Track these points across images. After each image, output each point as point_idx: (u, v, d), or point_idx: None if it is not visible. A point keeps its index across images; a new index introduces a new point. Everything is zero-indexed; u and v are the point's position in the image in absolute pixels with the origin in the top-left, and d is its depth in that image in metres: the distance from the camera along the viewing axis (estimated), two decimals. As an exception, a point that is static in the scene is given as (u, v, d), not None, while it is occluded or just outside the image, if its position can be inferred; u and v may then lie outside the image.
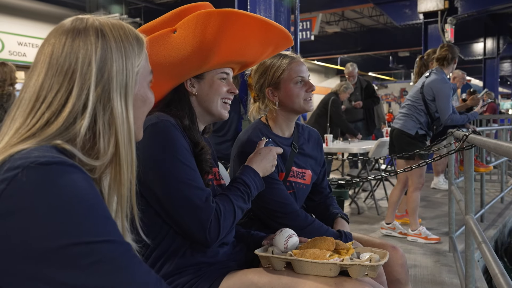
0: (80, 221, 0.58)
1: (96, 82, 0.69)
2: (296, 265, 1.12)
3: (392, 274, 1.38)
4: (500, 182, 5.01)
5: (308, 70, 1.55)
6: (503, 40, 12.08)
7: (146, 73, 0.78)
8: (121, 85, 0.71)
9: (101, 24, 0.72)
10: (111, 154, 0.70)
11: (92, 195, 0.60)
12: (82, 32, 0.70)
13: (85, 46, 0.69)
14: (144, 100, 0.78)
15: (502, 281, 1.39)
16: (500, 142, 1.40)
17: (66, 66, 0.68)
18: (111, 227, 0.62)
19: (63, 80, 0.68)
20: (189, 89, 1.21)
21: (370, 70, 20.21)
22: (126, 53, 0.72)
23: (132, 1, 9.99)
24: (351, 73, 5.41)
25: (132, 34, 0.75)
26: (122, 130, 0.71)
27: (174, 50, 1.13)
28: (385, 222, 3.60)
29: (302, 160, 1.56)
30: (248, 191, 1.19)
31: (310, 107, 1.51)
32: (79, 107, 0.67)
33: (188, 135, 1.17)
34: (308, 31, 8.75)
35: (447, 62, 3.30)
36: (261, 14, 3.14)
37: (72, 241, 0.56)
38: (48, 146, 0.64)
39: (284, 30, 1.25)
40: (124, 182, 0.72)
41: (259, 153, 1.26)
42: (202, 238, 1.09)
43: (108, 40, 0.71)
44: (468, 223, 2.15)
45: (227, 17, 1.11)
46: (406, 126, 3.27)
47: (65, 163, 0.60)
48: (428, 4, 7.39)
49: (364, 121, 5.53)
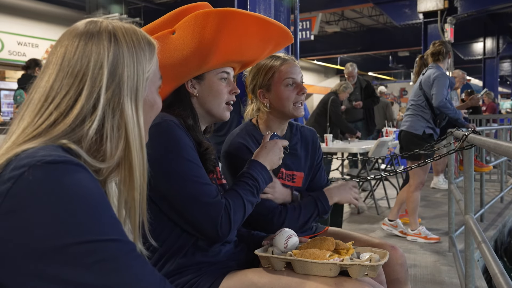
0: (84, 220, 0.58)
1: (106, 85, 0.69)
2: (296, 265, 1.12)
3: (392, 273, 1.38)
4: (499, 182, 5.02)
5: (301, 71, 1.51)
6: (502, 39, 12.09)
7: (155, 78, 0.78)
8: (131, 90, 0.72)
9: (114, 28, 0.73)
10: (118, 157, 0.70)
11: (97, 195, 0.61)
12: (96, 35, 0.71)
13: (97, 50, 0.70)
14: (152, 105, 0.78)
15: (502, 281, 1.40)
16: (500, 141, 1.40)
17: (77, 69, 0.69)
18: (116, 226, 0.62)
19: (73, 82, 0.68)
20: (190, 90, 1.22)
21: (370, 70, 20.21)
22: (138, 58, 0.73)
23: (131, 1, 9.99)
24: (350, 73, 5.42)
25: (144, 40, 0.75)
26: (133, 134, 0.71)
27: (174, 51, 1.13)
28: (388, 218, 3.58)
29: (293, 161, 1.53)
30: (256, 185, 1.19)
31: (300, 113, 1.48)
32: (88, 110, 0.68)
33: (191, 135, 1.18)
34: (308, 31, 8.75)
35: (442, 57, 3.32)
36: (261, 13, 3.14)
37: (76, 239, 0.57)
38: (54, 145, 0.64)
39: (283, 28, 1.24)
40: (136, 187, 0.72)
41: (265, 146, 1.27)
42: (214, 233, 1.10)
43: (121, 45, 0.71)
44: (468, 222, 2.15)
45: (225, 16, 1.11)
46: (413, 127, 3.28)
47: (71, 162, 0.61)
48: (428, 4, 7.39)
49: (364, 121, 5.54)
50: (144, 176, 0.74)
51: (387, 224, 3.59)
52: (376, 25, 15.26)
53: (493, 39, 11.97)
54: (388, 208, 4.56)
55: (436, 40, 3.51)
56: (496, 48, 11.97)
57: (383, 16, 13.99)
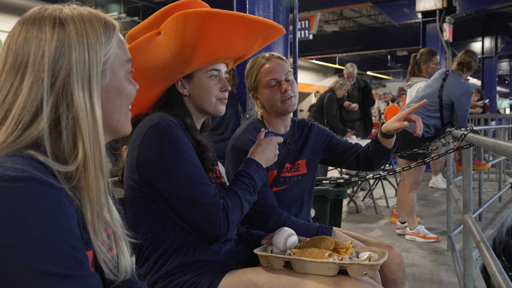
0: (34, 247, 0.54)
1: (52, 74, 0.63)
2: (295, 264, 1.12)
3: (389, 273, 1.38)
4: (498, 181, 5.03)
5: (287, 67, 1.49)
6: (501, 39, 12.10)
7: (120, 61, 0.72)
8: (82, 76, 0.64)
9: (62, 14, 0.66)
10: (82, 153, 0.63)
11: (55, 220, 0.55)
12: (38, 22, 0.65)
13: (38, 36, 0.64)
14: (119, 92, 0.71)
15: (500, 280, 1.40)
16: (499, 141, 1.40)
17: (19, 59, 0.63)
18: (71, 258, 0.56)
19: (16, 74, 0.63)
20: (181, 90, 1.22)
21: (369, 69, 20.23)
22: (89, 42, 0.66)
23: (130, 0, 9.97)
24: (351, 73, 5.41)
25: (99, 21, 0.69)
26: (86, 125, 0.63)
27: (159, 53, 1.13)
28: (409, 228, 3.43)
29: (295, 154, 1.56)
30: (253, 183, 1.19)
31: (289, 107, 1.48)
32: (32, 104, 0.61)
33: (190, 134, 1.18)
34: (307, 30, 8.74)
35: (467, 69, 3.26)
36: (260, 13, 3.14)
37: (21, 265, 0.53)
38: (21, 156, 0.59)
39: (267, 22, 1.23)
40: (91, 186, 0.63)
41: (260, 144, 1.27)
42: (212, 233, 1.10)
43: (67, 30, 0.65)
44: (466, 222, 2.15)
45: (205, 17, 1.10)
46: (412, 127, 3.25)
47: (35, 180, 0.56)
48: (427, 3, 7.40)
49: (361, 121, 5.54)
50: (103, 173, 0.65)
51: (400, 227, 3.54)
52: (374, 24, 15.27)
53: (492, 39, 11.99)
54: (387, 207, 4.57)
55: (469, 50, 3.39)
56: (494, 47, 11.99)
57: (382, 16, 13.99)
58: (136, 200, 1.15)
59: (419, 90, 3.52)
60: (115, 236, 0.75)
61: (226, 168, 1.54)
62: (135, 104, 0.83)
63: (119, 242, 0.75)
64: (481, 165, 4.22)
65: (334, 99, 5.15)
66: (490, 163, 4.68)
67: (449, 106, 3.17)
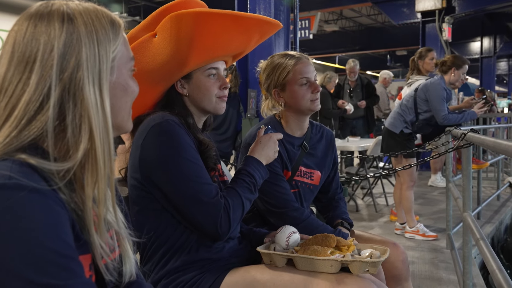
0: (22, 258, 0.53)
1: (59, 70, 0.62)
2: (297, 262, 1.14)
3: (393, 270, 1.40)
4: (496, 180, 5.05)
5: (315, 70, 1.53)
6: (499, 39, 12.13)
7: (125, 59, 0.72)
8: (93, 72, 0.64)
9: (70, 9, 0.66)
10: (84, 150, 0.63)
11: (43, 229, 0.55)
12: (46, 16, 0.64)
13: (47, 31, 0.63)
14: (125, 89, 0.71)
15: (500, 277, 1.41)
16: (499, 140, 1.41)
17: (27, 54, 0.63)
18: (61, 267, 0.56)
19: (24, 70, 0.62)
20: (180, 90, 1.22)
21: (368, 68, 20.21)
22: (99, 38, 0.66)
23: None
24: (352, 68, 5.41)
25: (106, 18, 0.69)
26: (97, 120, 0.64)
27: (156, 55, 1.14)
28: (408, 226, 3.45)
29: (312, 160, 1.55)
30: (253, 181, 1.20)
31: (317, 107, 1.50)
32: (39, 98, 0.61)
33: (192, 133, 1.19)
34: (307, 30, 8.73)
35: (445, 69, 3.24)
36: (261, 12, 3.15)
37: (10, 276, 0.53)
38: (11, 161, 0.58)
39: (262, 18, 1.23)
40: (100, 178, 0.64)
41: (260, 141, 1.27)
42: (213, 232, 1.11)
43: (76, 25, 0.65)
44: (466, 220, 2.17)
45: (198, 17, 1.11)
46: (393, 124, 3.30)
47: (22, 188, 0.55)
48: (426, 3, 7.41)
49: (364, 119, 5.53)
50: (111, 167, 0.66)
51: (399, 228, 3.54)
52: (374, 24, 15.27)
53: (490, 39, 12.01)
54: (386, 206, 4.58)
55: (452, 54, 3.37)
56: (493, 47, 12.01)
57: (382, 15, 13.99)
58: (139, 199, 1.16)
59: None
60: (118, 236, 0.74)
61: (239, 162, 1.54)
62: (136, 106, 0.82)
63: (122, 243, 0.75)
64: (479, 163, 4.23)
65: (327, 95, 5.17)
66: (489, 162, 4.70)
67: (422, 100, 3.21)
